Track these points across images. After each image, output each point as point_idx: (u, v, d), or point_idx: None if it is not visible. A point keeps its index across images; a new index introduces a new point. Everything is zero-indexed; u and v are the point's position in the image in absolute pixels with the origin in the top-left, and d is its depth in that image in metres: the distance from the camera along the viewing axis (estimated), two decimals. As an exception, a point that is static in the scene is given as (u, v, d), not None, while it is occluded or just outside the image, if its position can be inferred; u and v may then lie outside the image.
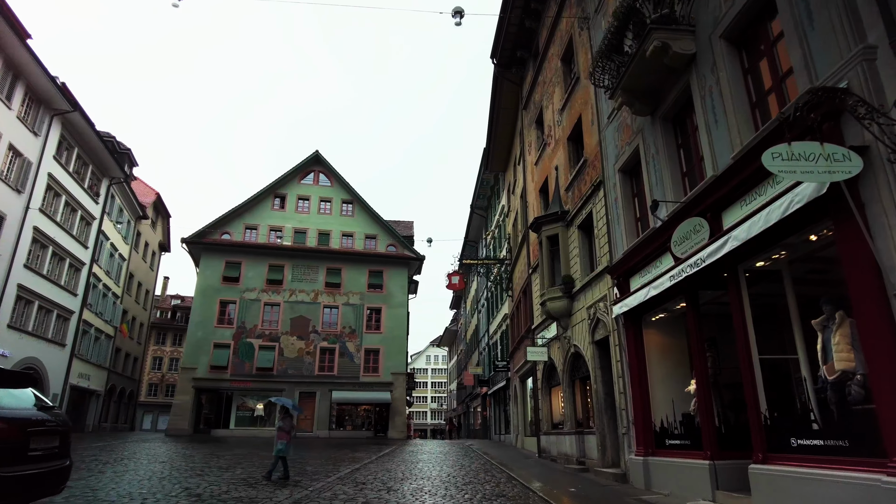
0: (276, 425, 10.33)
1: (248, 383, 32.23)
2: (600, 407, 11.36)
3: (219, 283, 33.69)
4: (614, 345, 10.57)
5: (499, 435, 29.79)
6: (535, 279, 17.52)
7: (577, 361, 13.46)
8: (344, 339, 34.01)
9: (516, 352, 22.37)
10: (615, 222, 10.86)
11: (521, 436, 21.53)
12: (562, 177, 14.63)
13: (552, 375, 15.91)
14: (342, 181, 37.32)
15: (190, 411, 31.29)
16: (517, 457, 17.38)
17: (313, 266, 35.12)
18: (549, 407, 16.05)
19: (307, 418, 32.47)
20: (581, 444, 12.80)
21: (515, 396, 23.07)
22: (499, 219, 29.16)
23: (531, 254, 18.08)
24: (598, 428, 11.33)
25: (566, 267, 13.50)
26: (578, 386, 13.51)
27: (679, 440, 8.41)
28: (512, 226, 23.70)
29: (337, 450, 20.45)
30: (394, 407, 33.27)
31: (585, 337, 12.19)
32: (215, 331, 32.79)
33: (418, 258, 36.50)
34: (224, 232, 35.15)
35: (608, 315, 10.85)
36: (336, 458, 16.13)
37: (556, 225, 13.93)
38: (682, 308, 8.89)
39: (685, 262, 7.54)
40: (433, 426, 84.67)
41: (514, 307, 23.00)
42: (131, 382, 40.89)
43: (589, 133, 12.68)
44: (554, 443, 14.83)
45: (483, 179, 31.63)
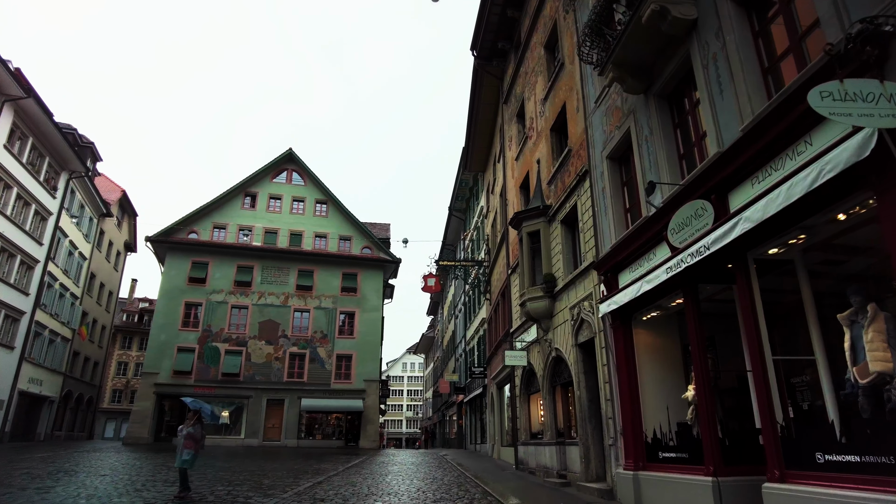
0: (182, 431, 8.66)
1: (212, 389, 30.66)
2: (584, 415, 10.44)
3: (184, 283, 32.14)
4: (600, 347, 9.67)
5: (474, 444, 28.75)
6: (514, 280, 16.61)
7: (558, 366, 12.54)
8: (315, 345, 32.69)
9: (493, 357, 21.42)
10: (602, 214, 9.99)
11: (497, 446, 20.53)
12: (544, 170, 13.77)
13: (531, 382, 14.97)
14: (316, 180, 36.09)
15: (150, 418, 29.63)
16: (493, 469, 16.37)
17: (284, 268, 33.78)
18: (528, 415, 15.09)
19: (275, 427, 31.06)
20: (562, 455, 11.85)
21: (492, 404, 22.09)
22: (477, 220, 28.26)
23: (510, 254, 17.18)
24: (581, 438, 10.40)
25: (548, 265, 12.60)
26: (560, 393, 12.58)
27: (675, 453, 7.50)
28: (491, 226, 22.81)
29: (303, 460, 19.22)
30: (366, 415, 32.00)
31: (568, 339, 11.28)
32: (179, 334, 31.21)
33: (394, 261, 35.40)
34: (191, 231, 33.64)
35: (594, 315, 9.96)
36: (299, 470, 14.95)
37: (537, 220, 13.04)
38: (679, 305, 8.02)
39: (685, 252, 6.66)
40: (408, 435, 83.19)
41: (491, 311, 22.07)
42: (91, 388, 38.92)
43: (574, 121, 11.84)
44: (532, 454, 13.87)
45: (462, 180, 30.74)
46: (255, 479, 12.32)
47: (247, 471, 14.49)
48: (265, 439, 30.63)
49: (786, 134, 5.28)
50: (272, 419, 31.17)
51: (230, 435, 30.54)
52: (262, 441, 30.45)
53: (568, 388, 12.32)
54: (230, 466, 15.62)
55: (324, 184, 36.08)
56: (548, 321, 12.52)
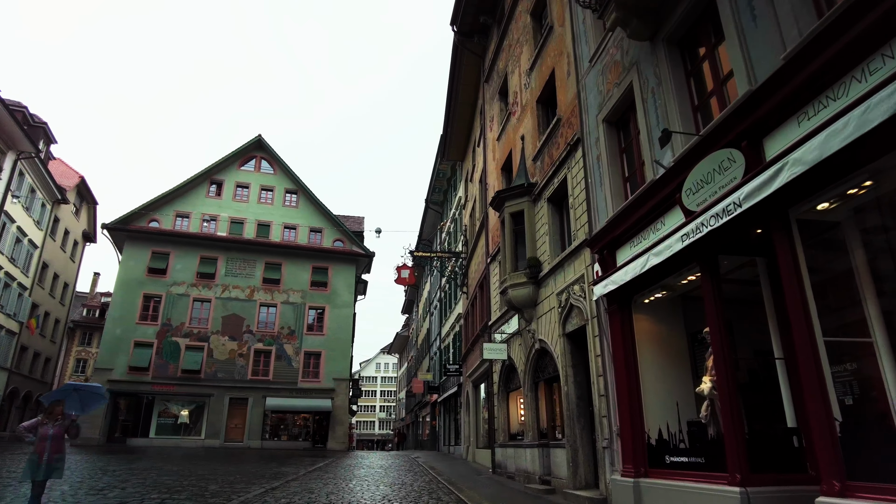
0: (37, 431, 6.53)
1: (171, 387, 28.85)
2: (572, 414, 9.24)
3: (143, 274, 30.22)
4: (593, 336, 8.48)
5: (448, 446, 27.47)
6: (493, 269, 15.40)
7: (542, 360, 11.34)
8: (282, 341, 31.04)
9: (470, 354, 20.18)
10: (596, 186, 8.82)
11: (472, 448, 19.29)
12: (528, 146, 12.58)
13: (511, 378, 13.76)
14: (286, 169, 34.43)
15: (102, 418, 27.66)
16: (468, 472, 15.11)
17: (250, 260, 32.05)
18: (507, 415, 13.87)
19: (238, 427, 29.34)
20: (546, 459, 10.65)
21: (467, 404, 20.84)
22: (454, 212, 27.02)
23: (490, 241, 15.96)
24: (568, 440, 9.20)
25: (532, 248, 11.40)
26: (543, 389, 11.38)
27: (686, 457, 6.32)
28: (469, 216, 21.58)
29: (263, 463, 17.72)
30: (335, 416, 30.47)
31: (554, 329, 10.08)
32: (136, 328, 29.29)
33: (367, 255, 33.94)
34: (152, 219, 31.70)
35: (586, 299, 8.77)
36: (255, 474, 13.49)
37: (521, 200, 11.84)
38: (688, 284, 6.88)
39: (706, 214, 5.50)
40: (381, 437, 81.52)
41: (468, 305, 20.84)
42: (42, 386, 36.52)
43: (564, 88, 10.67)
44: (512, 457, 12.65)
45: (439, 171, 29.46)
46: (201, 485, 10.87)
47: (195, 475, 13.00)
48: (227, 440, 28.90)
49: (851, 49, 4.14)
50: (235, 419, 29.45)
51: (190, 435, 28.77)
52: (224, 442, 28.71)
53: (553, 384, 11.13)
54: (178, 470, 14.09)
55: (294, 173, 34.44)
56: (531, 310, 11.31)
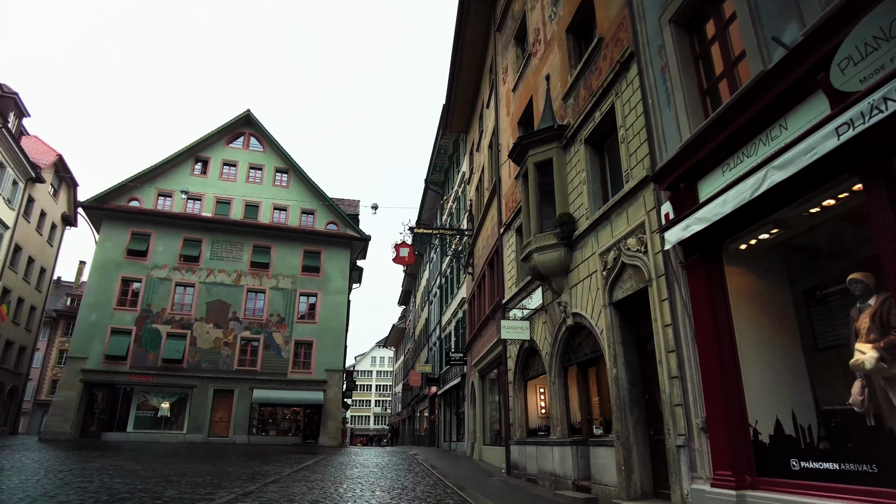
0: None
1: (150, 377, 26.76)
2: (623, 404, 7.25)
3: (121, 257, 28.06)
4: (658, 300, 6.48)
5: (449, 442, 25.48)
6: (508, 239, 13.37)
7: (574, 338, 9.34)
8: (270, 330, 28.96)
9: (476, 341, 18.17)
10: (660, 106, 6.79)
11: (478, 445, 17.30)
12: (555, 85, 10.54)
13: (530, 364, 11.76)
14: (277, 147, 32.26)
15: (75, 411, 25.56)
16: (476, 473, 13.12)
17: (237, 242, 29.92)
18: (524, 407, 11.87)
19: (223, 421, 27.30)
20: (581, 459, 8.65)
21: (472, 396, 18.85)
22: (458, 189, 24.98)
23: (504, 208, 13.92)
24: (619, 436, 7.20)
25: (563, 203, 9.38)
26: (576, 375, 9.37)
27: (829, 461, 4.33)
28: (475, 190, 19.54)
29: (244, 461, 15.68)
30: (327, 409, 28.45)
31: (596, 298, 8.08)
32: (114, 314, 27.16)
33: (363, 238, 31.84)
34: (132, 198, 29.53)
35: (646, 254, 6.77)
36: (229, 475, 11.46)
37: (548, 146, 9.81)
38: (818, 214, 4.87)
39: (886, 88, 3.51)
40: (376, 432, 79.55)
41: (474, 287, 18.82)
42: (14, 377, 34.35)
43: (603, 3, 8.65)
44: (532, 456, 10.65)
45: (440, 147, 27.39)
46: (156, 490, 8.83)
47: (157, 476, 10.95)
48: (211, 435, 26.86)
49: None
50: (220, 412, 27.40)
51: (171, 430, 26.72)
52: (208, 437, 26.68)
53: (589, 369, 9.13)
54: (140, 470, 12.04)
55: (285, 151, 32.27)
56: (561, 279, 9.29)
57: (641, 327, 7.41)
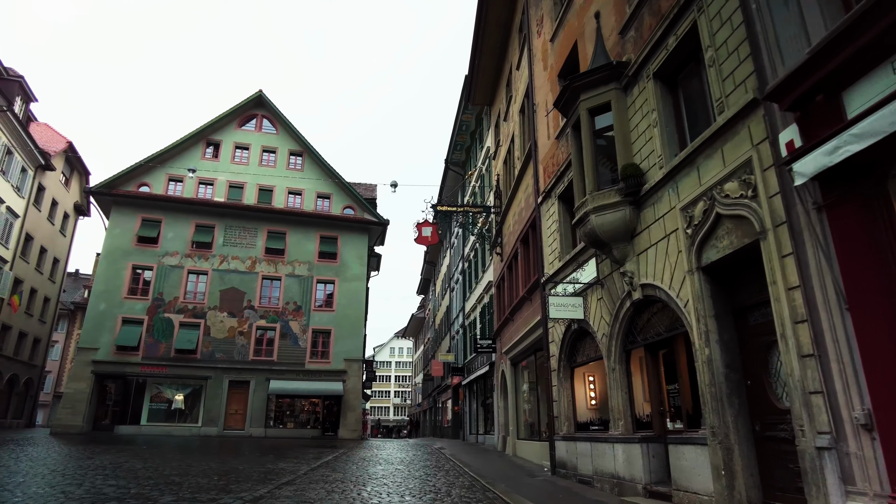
0: None
1: (163, 368, 25.75)
2: (719, 393, 5.75)
3: (130, 244, 27.02)
4: (778, 257, 4.95)
5: (475, 435, 24.10)
6: (547, 209, 11.85)
7: (640, 316, 7.84)
8: (287, 318, 27.78)
9: (507, 326, 16.71)
10: (771, 8, 5.24)
11: (511, 439, 15.87)
12: (608, 22, 8.97)
13: (578, 348, 10.27)
14: (290, 128, 30.93)
15: (86, 403, 24.66)
16: (514, 472, 11.70)
17: (251, 228, 28.73)
18: (571, 398, 10.39)
19: (238, 413, 26.23)
20: (653, 459, 7.18)
21: (503, 385, 17.42)
22: (482, 167, 23.44)
23: (542, 174, 12.38)
24: (716, 433, 5.71)
25: (625, 154, 7.86)
26: (644, 359, 7.88)
27: None
28: (503, 163, 18.01)
29: (258, 456, 14.44)
30: (346, 400, 27.23)
31: (677, 263, 6.57)
32: (124, 303, 26.16)
33: (381, 223, 30.46)
34: (142, 183, 28.46)
35: (756, 200, 5.24)
36: (238, 474, 10.18)
37: (605, 88, 8.27)
38: None
39: None
40: (396, 423, 78.69)
41: (503, 269, 17.34)
42: (29, 369, 33.79)
43: None
44: (585, 454, 9.18)
45: (462, 123, 25.83)
46: (151, 496, 7.54)
47: (160, 476, 9.70)
48: (226, 428, 25.81)
49: None
50: (235, 404, 26.33)
51: (185, 423, 25.73)
52: (223, 430, 25.63)
53: (659, 351, 7.63)
54: (142, 469, 10.80)
55: (299, 132, 30.92)
56: (625, 245, 7.78)
57: (740, 296, 5.90)
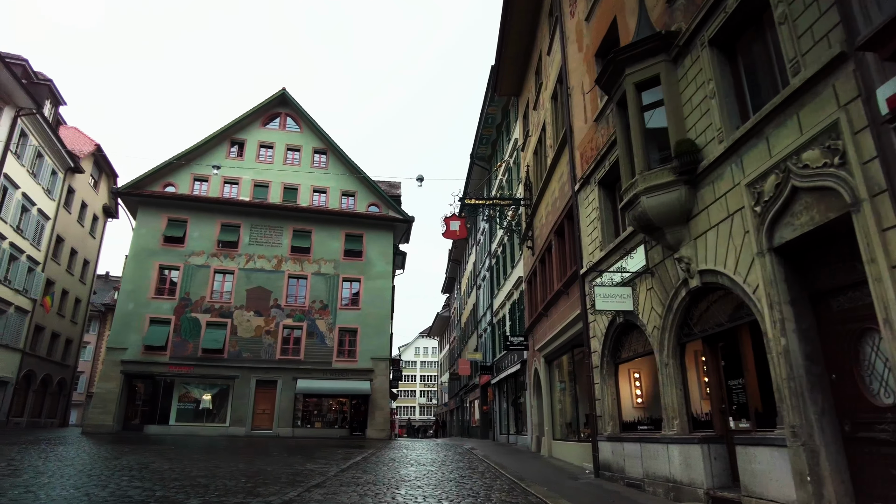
0: None
1: (190, 368, 25.70)
2: (799, 387, 5.11)
3: (157, 244, 27.06)
4: (877, 230, 4.30)
5: (506, 435, 23.50)
6: (586, 197, 11.22)
7: (697, 305, 7.20)
8: (313, 317, 27.54)
9: (540, 322, 16.10)
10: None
11: (546, 439, 15.26)
12: (654, -9, 8.34)
13: (622, 342, 9.64)
14: (314, 126, 30.70)
15: (116, 403, 24.74)
16: (554, 474, 11.11)
17: (276, 227, 28.56)
18: (615, 395, 9.77)
19: (266, 413, 26.06)
20: (716, 461, 6.55)
21: (536, 384, 16.81)
22: (509, 160, 22.84)
23: (580, 160, 11.76)
24: (798, 432, 5.07)
25: (678, 130, 7.23)
26: (697, 353, 7.25)
27: None
28: (533, 153, 17.39)
29: (287, 457, 14.10)
30: (374, 399, 26.87)
31: (744, 245, 5.93)
32: (150, 303, 26.20)
33: (406, 220, 30.03)
34: (167, 183, 28.51)
35: (843, 168, 4.59)
36: (267, 476, 9.78)
37: (653, 60, 7.64)
38: None
39: None
40: (422, 423, 78.40)
41: (535, 262, 16.73)
42: (62, 369, 34.11)
43: None
44: (634, 456, 8.56)
45: (487, 116, 25.25)
46: (177, 499, 7.17)
47: (186, 477, 9.36)
48: (254, 428, 25.66)
49: None
50: (262, 404, 26.17)
51: (213, 423, 25.63)
52: (251, 430, 25.48)
53: (718, 343, 6.99)
54: (168, 470, 10.49)
55: (323, 130, 30.66)
56: (680, 228, 7.15)
57: (819, 279, 5.25)
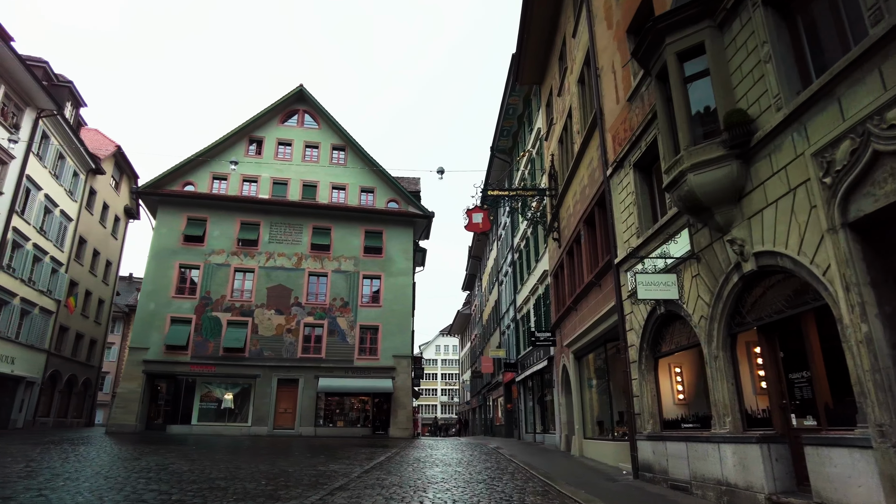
0: None
1: (212, 367, 25.55)
2: (886, 380, 4.49)
3: (177, 243, 26.96)
4: None
5: (532, 434, 22.89)
6: (619, 181, 10.60)
7: (750, 292, 6.57)
8: (334, 314, 27.22)
9: (569, 316, 15.49)
10: None
11: (576, 438, 14.64)
12: (695, -46, 7.70)
13: (663, 335, 9.01)
14: (332, 122, 30.37)
15: (138, 403, 24.67)
16: (589, 475, 10.52)
17: (296, 224, 28.30)
18: (656, 392, 9.16)
19: (288, 412, 25.81)
20: (778, 463, 5.93)
21: (565, 381, 16.20)
22: (532, 151, 22.21)
23: (611, 143, 11.13)
24: (886, 430, 4.45)
25: (726, 100, 6.61)
26: (750, 344, 6.62)
27: None
28: (558, 142, 16.76)
29: (310, 457, 13.72)
30: (396, 398, 26.46)
31: (811, 221, 5.30)
32: (172, 302, 26.10)
33: (426, 215, 29.55)
34: (187, 182, 28.42)
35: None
36: (289, 478, 9.37)
37: (696, 27, 7.02)
38: None
39: None
40: (444, 421, 78.03)
41: (562, 255, 16.11)
42: (87, 369, 34.32)
43: None
44: (679, 456, 7.95)
45: (508, 106, 24.64)
46: (194, 503, 6.79)
47: (205, 479, 8.99)
48: (276, 427, 25.42)
49: None
50: (284, 403, 25.93)
51: (235, 422, 25.45)
52: (273, 429, 25.26)
53: (774, 333, 6.35)
54: (188, 471, 10.14)
55: (341, 126, 30.32)
56: (730, 208, 6.53)
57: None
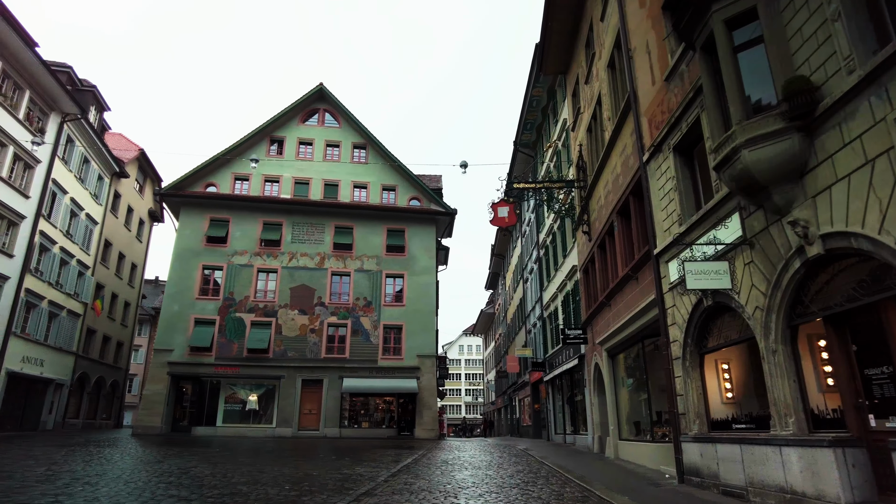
0: None
1: (236, 368, 25.43)
2: None
3: (200, 244, 26.91)
4: None
5: (562, 435, 22.23)
6: (657, 166, 9.98)
7: (812, 280, 5.95)
8: (357, 314, 26.91)
9: (601, 312, 14.86)
10: None
11: (611, 439, 14.01)
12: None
13: (710, 329, 8.39)
14: (353, 121, 30.09)
15: (164, 404, 24.64)
16: (628, 479, 9.92)
17: (318, 224, 28.06)
18: (702, 390, 8.54)
19: (312, 413, 25.57)
20: (857, 470, 5.31)
21: (598, 379, 15.57)
22: (557, 143, 21.59)
23: (648, 127, 10.52)
24: None
25: (784, 68, 5.99)
26: (812, 337, 6.00)
27: None
28: (586, 131, 16.15)
29: (333, 460, 13.34)
30: (421, 398, 26.03)
31: (893, 196, 4.69)
32: (195, 303, 26.05)
33: (448, 212, 29.06)
34: (209, 184, 28.39)
35: None
36: (313, 482, 8.97)
37: (748, -9, 6.42)
38: None
39: None
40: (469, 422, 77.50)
41: (593, 248, 15.49)
42: (115, 372, 34.57)
43: None
44: (732, 459, 7.33)
45: (532, 99, 24.03)
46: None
47: (227, 484, 8.63)
48: (300, 428, 25.21)
49: None
50: (308, 404, 25.69)
51: (259, 424, 25.29)
52: (297, 431, 25.04)
53: (845, 322, 5.72)
54: (210, 475, 9.82)
55: (362, 124, 30.02)
56: (791, 187, 5.92)
57: None
